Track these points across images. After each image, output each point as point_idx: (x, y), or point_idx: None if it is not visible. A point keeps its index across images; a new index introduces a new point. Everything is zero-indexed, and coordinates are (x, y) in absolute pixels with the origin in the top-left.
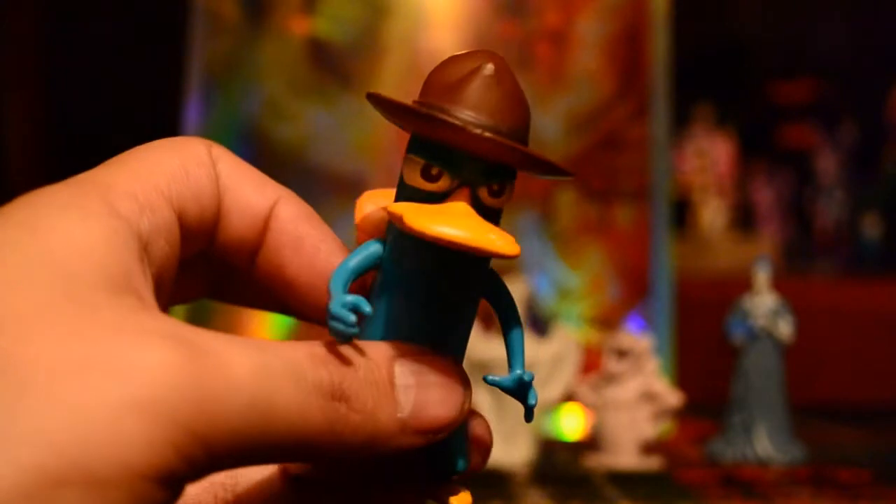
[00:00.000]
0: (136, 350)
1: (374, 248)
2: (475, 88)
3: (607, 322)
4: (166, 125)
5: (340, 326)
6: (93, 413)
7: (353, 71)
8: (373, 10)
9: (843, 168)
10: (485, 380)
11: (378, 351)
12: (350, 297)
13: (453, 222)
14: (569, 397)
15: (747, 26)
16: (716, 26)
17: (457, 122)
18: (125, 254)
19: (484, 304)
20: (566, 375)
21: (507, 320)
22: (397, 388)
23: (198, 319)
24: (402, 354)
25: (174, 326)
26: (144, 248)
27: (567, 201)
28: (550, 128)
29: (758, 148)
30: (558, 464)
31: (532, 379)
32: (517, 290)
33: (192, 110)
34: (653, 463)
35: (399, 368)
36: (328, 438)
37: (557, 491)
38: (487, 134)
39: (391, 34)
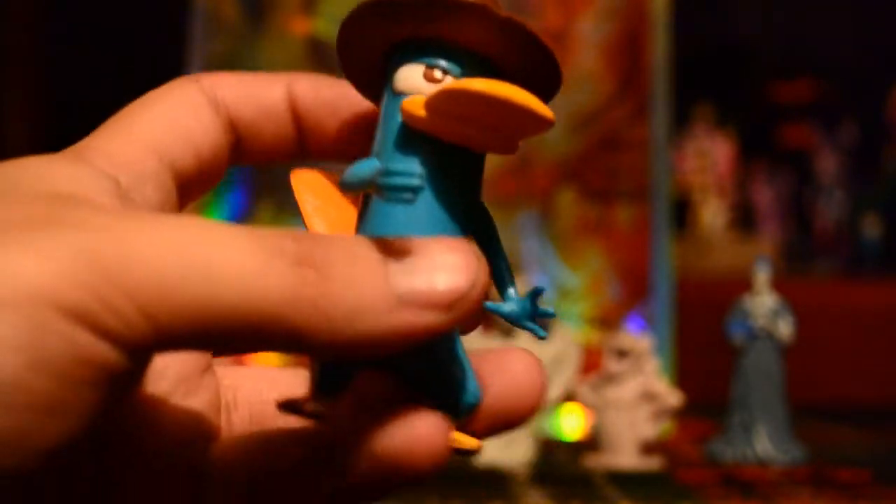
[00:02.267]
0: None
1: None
2: None
3: (607, 322)
4: None
5: (400, 180)
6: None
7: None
8: None
9: (843, 168)
10: (485, 307)
11: (361, 237)
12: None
13: (498, 85)
14: (569, 397)
15: (747, 26)
16: (716, 26)
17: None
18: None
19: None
20: (566, 375)
21: (493, 248)
22: (388, 263)
23: None
24: (402, 247)
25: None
26: (125, 196)
27: (567, 201)
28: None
29: (758, 148)
30: (558, 464)
31: (541, 291)
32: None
33: None
34: (653, 463)
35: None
36: (299, 309)
37: (557, 491)
38: (502, 13)
39: None
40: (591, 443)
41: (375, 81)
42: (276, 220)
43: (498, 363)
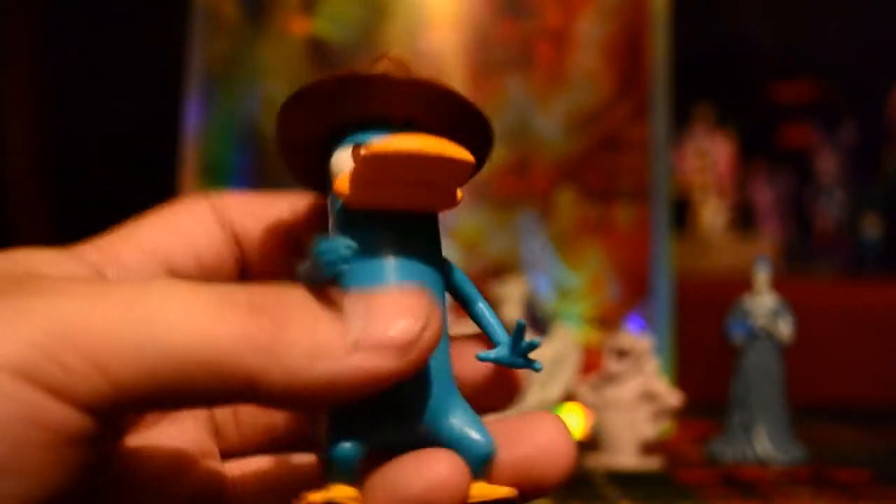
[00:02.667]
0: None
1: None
2: (380, 64)
3: (607, 322)
4: (166, 125)
5: (329, 256)
6: None
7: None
8: (373, 10)
9: (843, 168)
10: (478, 357)
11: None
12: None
13: (403, 140)
14: (569, 397)
15: (747, 26)
16: (716, 26)
17: (377, 71)
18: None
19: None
20: (566, 375)
21: (468, 297)
22: (342, 310)
23: None
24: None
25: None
26: None
27: (567, 201)
28: (550, 128)
29: (758, 148)
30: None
31: (524, 326)
32: (517, 290)
33: (192, 110)
34: (653, 463)
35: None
36: (254, 353)
37: (557, 491)
38: (412, 77)
39: (391, 34)
40: (591, 443)
41: (319, 175)
42: None
43: (529, 428)
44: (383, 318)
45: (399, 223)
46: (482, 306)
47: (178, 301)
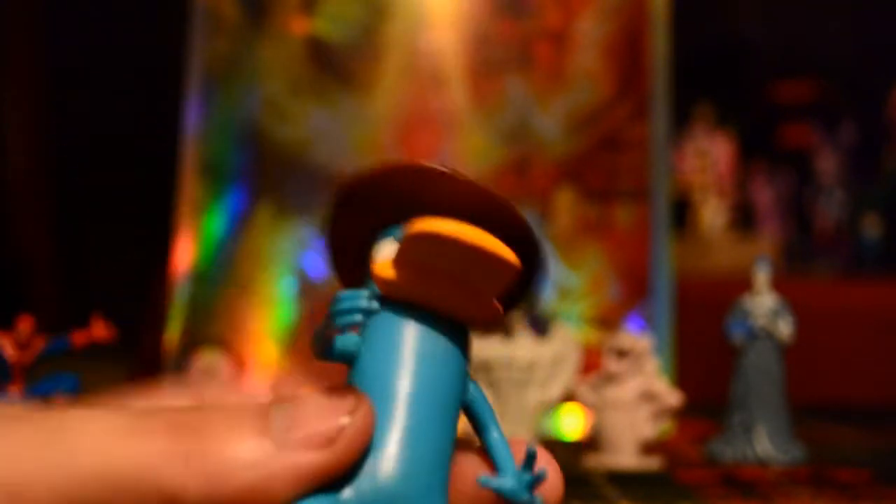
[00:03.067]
0: None
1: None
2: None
3: (607, 322)
4: (166, 125)
5: (346, 304)
6: None
7: (352, 71)
8: (373, 11)
9: (843, 168)
10: (479, 482)
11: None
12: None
13: (455, 225)
14: (569, 397)
15: (747, 26)
16: (716, 26)
17: (445, 169)
18: None
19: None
20: (566, 375)
21: (483, 422)
22: (265, 416)
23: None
24: (280, 401)
25: None
26: None
27: (567, 201)
28: (550, 128)
29: (758, 148)
30: (558, 464)
31: (535, 454)
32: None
33: (192, 110)
34: (653, 463)
35: (274, 412)
36: (171, 465)
37: None
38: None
39: (391, 34)
40: (591, 443)
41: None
42: (276, 219)
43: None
44: (306, 418)
45: (429, 325)
46: (496, 436)
47: (95, 425)
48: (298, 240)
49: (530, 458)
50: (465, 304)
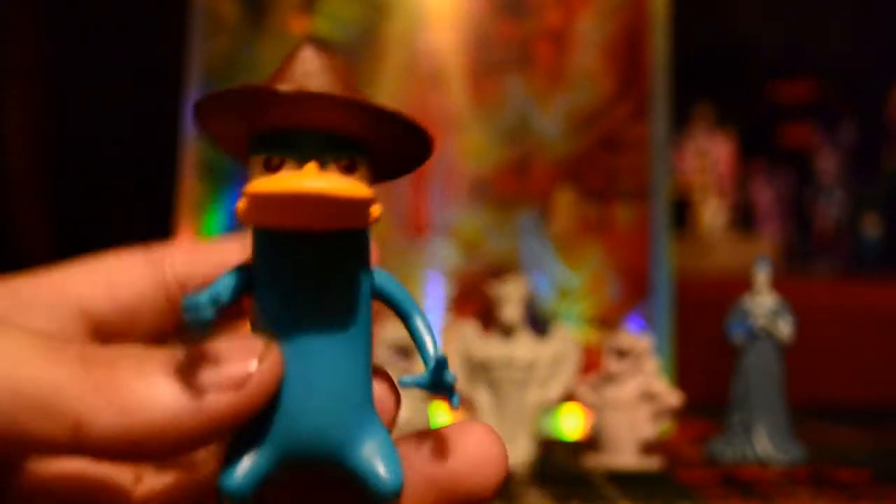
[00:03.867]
0: None
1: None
2: (297, 64)
3: (607, 322)
4: (166, 125)
5: (192, 315)
6: None
7: (352, 71)
8: (373, 10)
9: (843, 168)
10: (400, 382)
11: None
12: (205, 292)
13: (284, 180)
14: (569, 397)
15: (747, 26)
16: (716, 26)
17: (280, 88)
18: None
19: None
20: (566, 375)
21: (404, 311)
22: (176, 358)
23: None
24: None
25: None
26: None
27: (567, 201)
28: (550, 128)
29: (758, 148)
30: (558, 464)
31: (445, 360)
32: (517, 290)
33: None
34: (653, 463)
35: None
36: (81, 391)
37: (557, 491)
38: (313, 90)
39: (391, 34)
40: (591, 443)
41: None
42: None
43: (458, 439)
44: (216, 362)
45: (306, 239)
46: (419, 322)
47: (7, 342)
48: None
49: (438, 363)
50: (326, 223)
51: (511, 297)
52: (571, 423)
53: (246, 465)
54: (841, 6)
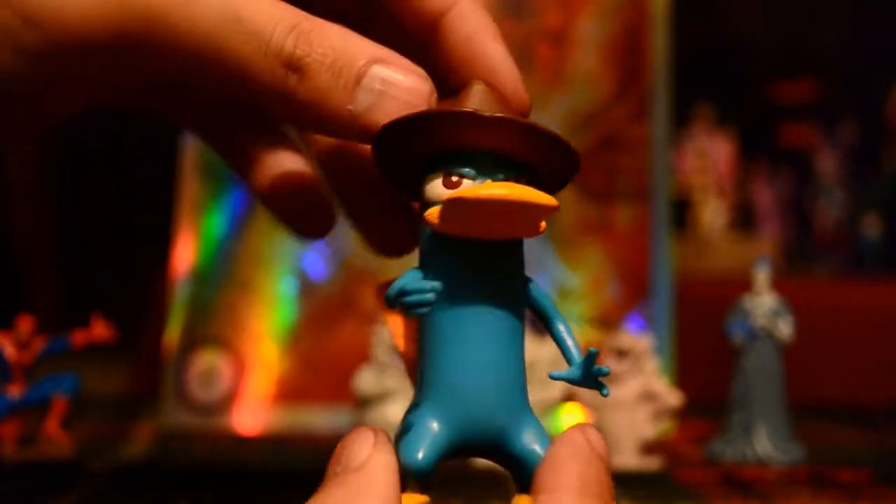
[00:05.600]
0: None
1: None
2: (473, 96)
3: (607, 322)
4: (166, 125)
5: (414, 298)
6: None
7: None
8: None
9: (843, 168)
10: (550, 376)
11: (361, 47)
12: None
13: (488, 188)
14: (569, 397)
15: (747, 26)
16: (716, 26)
17: (466, 109)
18: None
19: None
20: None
21: (548, 314)
22: (361, 87)
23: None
24: (387, 59)
25: None
26: None
27: (567, 201)
28: (550, 127)
29: (758, 148)
30: None
31: (597, 354)
32: None
33: None
34: (653, 463)
35: (374, 70)
36: (274, 99)
37: None
38: (498, 115)
39: None
40: None
41: (412, 188)
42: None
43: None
44: (385, 111)
45: (480, 245)
46: (561, 326)
47: (236, 36)
48: (299, 240)
49: (591, 356)
50: (508, 233)
51: None
52: (571, 423)
53: (427, 446)
54: (841, 6)
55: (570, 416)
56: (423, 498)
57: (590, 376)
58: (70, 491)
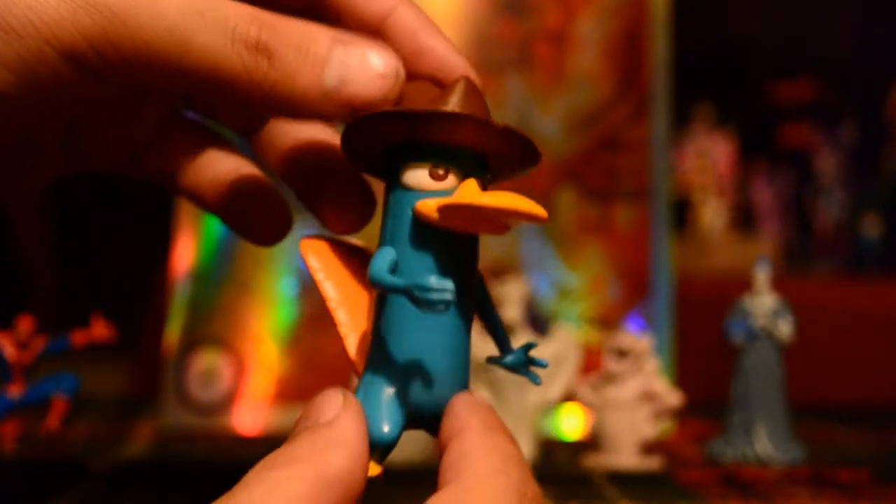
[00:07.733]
0: None
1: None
2: (459, 95)
3: (607, 322)
4: None
5: (438, 296)
6: None
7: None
8: None
9: (843, 168)
10: (487, 361)
11: (323, 30)
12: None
13: (502, 197)
14: (569, 397)
15: (747, 26)
16: (716, 26)
17: (459, 112)
18: None
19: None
20: (566, 375)
21: (489, 309)
22: (329, 63)
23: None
24: (349, 39)
25: None
26: None
27: (567, 201)
28: (550, 128)
29: (758, 148)
30: (558, 464)
31: (534, 345)
32: (517, 290)
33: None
34: (653, 463)
35: (339, 48)
36: (246, 85)
37: (557, 491)
38: (502, 124)
39: None
40: (591, 443)
41: (372, 166)
42: None
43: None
44: (357, 81)
45: (459, 240)
46: (499, 316)
47: (203, 25)
48: (299, 239)
49: (527, 347)
50: (487, 230)
51: (511, 298)
52: (571, 423)
53: (391, 420)
54: (841, 6)
55: (570, 416)
56: (378, 468)
57: (523, 364)
58: (70, 491)
